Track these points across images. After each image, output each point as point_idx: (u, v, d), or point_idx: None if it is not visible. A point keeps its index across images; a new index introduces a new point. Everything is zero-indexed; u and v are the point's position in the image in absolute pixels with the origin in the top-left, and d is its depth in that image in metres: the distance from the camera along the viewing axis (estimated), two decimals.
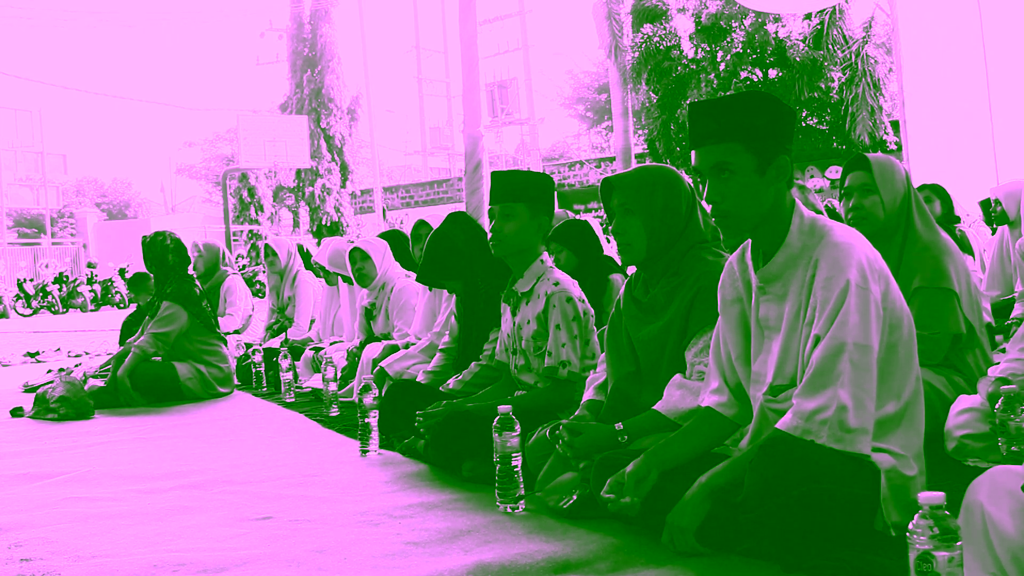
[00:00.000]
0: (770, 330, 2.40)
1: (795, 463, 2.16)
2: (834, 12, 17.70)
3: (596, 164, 26.84)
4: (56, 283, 24.91)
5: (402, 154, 46.42)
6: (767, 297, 2.39)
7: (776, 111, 2.33)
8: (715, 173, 2.32)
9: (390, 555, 2.53)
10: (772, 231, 2.36)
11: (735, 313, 2.51)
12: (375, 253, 5.71)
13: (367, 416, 3.87)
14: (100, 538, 2.85)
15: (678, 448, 2.48)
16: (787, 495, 2.14)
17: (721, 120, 2.31)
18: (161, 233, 6.13)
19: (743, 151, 2.29)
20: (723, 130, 2.30)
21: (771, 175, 2.31)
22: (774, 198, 2.33)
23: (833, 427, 2.15)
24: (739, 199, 2.31)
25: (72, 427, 5.15)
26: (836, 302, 2.20)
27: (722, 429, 2.53)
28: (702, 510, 2.29)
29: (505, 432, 2.79)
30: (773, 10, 16.25)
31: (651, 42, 19.48)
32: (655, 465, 2.44)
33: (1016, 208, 5.43)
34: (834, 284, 2.22)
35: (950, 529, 1.65)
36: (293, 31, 31.13)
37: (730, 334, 2.52)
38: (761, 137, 2.30)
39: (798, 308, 2.31)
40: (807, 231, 2.33)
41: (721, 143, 2.30)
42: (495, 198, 3.45)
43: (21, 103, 43.96)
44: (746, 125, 2.29)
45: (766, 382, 2.39)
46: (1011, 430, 2.73)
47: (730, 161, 2.30)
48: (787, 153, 2.33)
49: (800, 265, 2.32)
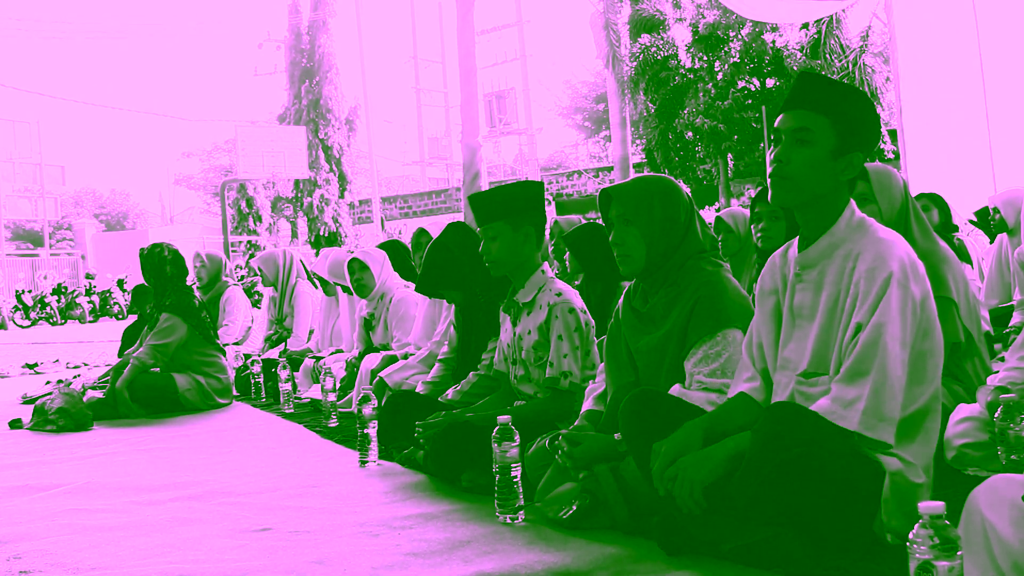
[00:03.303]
0: (803, 318, 2.43)
1: (797, 426, 2.20)
2: (831, 21, 17.75)
3: (594, 174, 26.91)
4: (54, 294, 24.88)
5: (400, 164, 46.55)
6: (803, 285, 2.44)
7: (873, 116, 2.40)
8: (793, 137, 2.37)
9: (390, 566, 2.53)
10: (820, 218, 2.40)
11: (770, 304, 2.55)
12: (374, 263, 5.72)
13: (366, 427, 3.86)
14: (99, 550, 2.85)
15: (714, 427, 2.44)
16: (786, 453, 2.17)
17: (822, 92, 2.38)
18: (159, 245, 6.12)
19: (828, 128, 2.35)
20: (820, 102, 2.37)
21: (842, 164, 2.36)
22: (833, 188, 2.37)
23: (867, 415, 2.20)
24: (803, 168, 2.36)
25: (71, 439, 5.14)
26: (878, 292, 2.25)
27: (752, 414, 2.50)
28: (719, 468, 2.28)
29: (504, 442, 2.79)
30: (770, 20, 16.31)
31: (649, 52, 19.54)
32: (696, 439, 2.39)
33: (1015, 216, 5.44)
34: (877, 275, 2.26)
35: (950, 539, 1.65)
36: (291, 42, 31.21)
37: (763, 323, 2.56)
38: (850, 126, 2.36)
39: (836, 298, 2.35)
40: (855, 226, 2.38)
41: (813, 112, 2.36)
42: (477, 221, 3.47)
43: (19, 114, 44.06)
44: (842, 108, 2.36)
45: (798, 368, 2.42)
46: (1010, 439, 2.73)
47: (813, 130, 2.35)
48: (865, 156, 2.39)
49: (839, 256, 2.37)
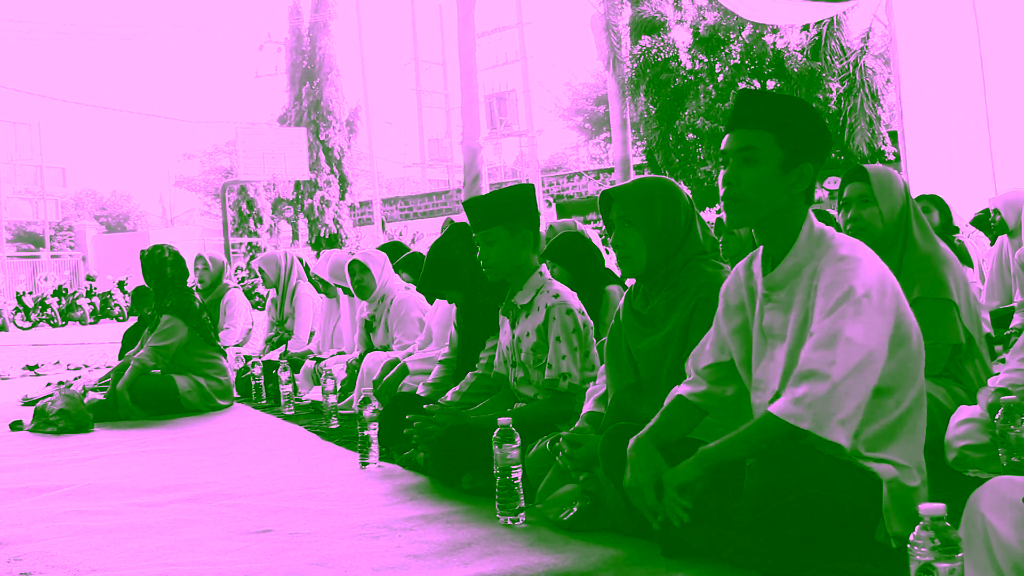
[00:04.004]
0: (774, 338, 2.40)
1: (794, 468, 2.17)
2: (832, 23, 17.74)
3: (595, 175, 26.88)
4: (55, 296, 24.91)
5: (401, 166, 46.50)
6: (772, 305, 2.40)
7: (817, 124, 2.37)
8: (740, 157, 2.35)
9: (390, 568, 2.53)
10: (780, 235, 2.37)
11: (738, 320, 2.51)
12: (374, 265, 5.71)
13: (367, 428, 3.87)
14: (100, 552, 2.85)
15: (661, 431, 2.46)
16: (784, 499, 2.14)
17: (763, 109, 2.35)
18: (159, 246, 6.13)
19: (773, 143, 2.32)
20: (761, 118, 2.34)
21: (792, 177, 2.33)
22: (788, 201, 2.34)
23: (818, 415, 2.15)
24: (754, 187, 2.33)
25: (71, 440, 5.14)
26: (834, 304, 2.22)
27: (693, 418, 2.52)
28: (697, 476, 2.27)
29: (505, 444, 2.79)
30: (771, 21, 16.30)
31: (649, 54, 19.52)
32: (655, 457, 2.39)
33: (1015, 218, 5.44)
34: (835, 290, 2.23)
35: (951, 540, 1.65)
36: (292, 43, 31.21)
37: (731, 340, 2.52)
38: (795, 138, 2.33)
39: (804, 317, 2.32)
40: (815, 242, 2.35)
41: (755, 129, 2.34)
42: (473, 227, 3.46)
43: (20, 116, 44.04)
44: (784, 121, 2.33)
45: (770, 388, 2.39)
46: (1011, 440, 2.73)
47: (758, 148, 2.33)
48: (814, 165, 2.35)
49: (805, 274, 2.33)
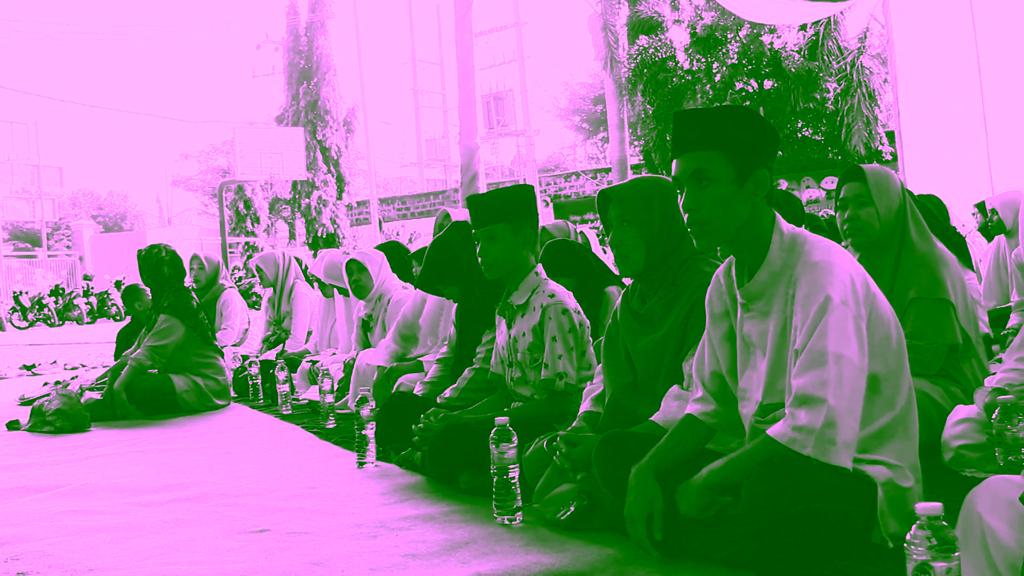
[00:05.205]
0: (755, 347, 2.40)
1: (792, 482, 2.17)
2: (829, 23, 17.76)
3: (592, 175, 26.90)
4: (52, 295, 24.85)
5: (398, 166, 46.51)
6: (750, 314, 2.40)
7: (759, 126, 2.34)
8: (693, 181, 2.33)
9: (387, 567, 2.53)
10: (751, 246, 2.36)
11: (723, 327, 2.51)
12: (371, 265, 5.71)
13: (364, 428, 3.87)
14: (97, 551, 2.84)
15: (665, 458, 2.46)
16: (784, 512, 2.14)
17: (703, 128, 2.33)
18: (156, 246, 6.13)
19: (723, 160, 2.30)
20: (704, 138, 2.32)
21: (749, 188, 2.32)
22: (751, 211, 2.33)
23: (820, 440, 2.14)
24: (715, 208, 2.31)
25: (68, 440, 5.14)
26: (815, 318, 2.20)
27: (702, 437, 2.53)
28: (700, 505, 2.27)
29: (502, 444, 2.79)
30: (768, 21, 16.32)
31: (647, 54, 19.52)
32: (654, 488, 2.40)
33: (1012, 218, 5.45)
34: (812, 301, 2.22)
35: (948, 540, 1.65)
36: (289, 43, 31.19)
37: (719, 348, 2.52)
38: (742, 149, 2.31)
39: (783, 326, 2.32)
40: (787, 248, 2.33)
41: (702, 151, 2.32)
42: (475, 224, 3.45)
43: (17, 116, 43.95)
44: (728, 135, 2.31)
45: (754, 399, 2.39)
46: (1008, 440, 2.73)
47: (709, 169, 2.31)
48: (767, 168, 2.34)
49: (781, 283, 2.32)
